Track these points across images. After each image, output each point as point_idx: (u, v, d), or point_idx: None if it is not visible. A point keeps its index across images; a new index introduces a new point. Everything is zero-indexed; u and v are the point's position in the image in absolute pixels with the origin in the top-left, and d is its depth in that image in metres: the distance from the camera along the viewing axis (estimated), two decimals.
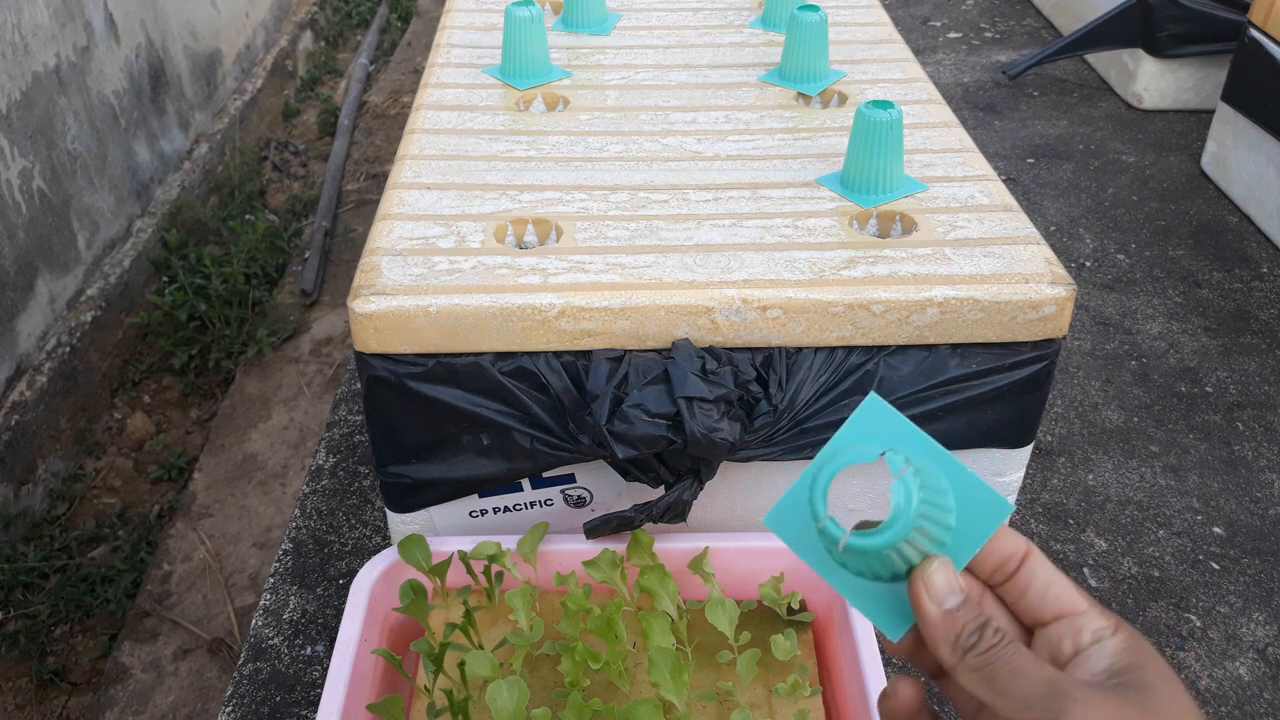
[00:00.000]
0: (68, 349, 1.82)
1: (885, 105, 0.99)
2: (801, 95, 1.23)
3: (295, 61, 3.18)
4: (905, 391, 0.92)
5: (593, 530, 0.93)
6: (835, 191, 1.03)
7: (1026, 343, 0.92)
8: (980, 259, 0.93)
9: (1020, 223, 0.99)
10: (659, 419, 0.86)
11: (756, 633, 0.92)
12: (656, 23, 1.43)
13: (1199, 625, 1.25)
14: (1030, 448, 1.01)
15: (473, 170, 1.07)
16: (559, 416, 0.91)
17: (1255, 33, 1.99)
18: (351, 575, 1.28)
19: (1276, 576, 1.31)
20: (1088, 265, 1.93)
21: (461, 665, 0.83)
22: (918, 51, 2.81)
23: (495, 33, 1.37)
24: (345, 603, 0.90)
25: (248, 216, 2.43)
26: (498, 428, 0.92)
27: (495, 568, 0.94)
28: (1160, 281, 1.88)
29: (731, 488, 0.99)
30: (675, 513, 0.91)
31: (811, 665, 0.90)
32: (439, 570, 0.91)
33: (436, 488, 0.97)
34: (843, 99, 1.23)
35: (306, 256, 2.32)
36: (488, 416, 0.91)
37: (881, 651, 0.86)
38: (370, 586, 0.91)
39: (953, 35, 2.96)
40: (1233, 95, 2.08)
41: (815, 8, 1.22)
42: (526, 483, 0.99)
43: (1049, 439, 1.52)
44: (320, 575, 1.30)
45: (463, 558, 0.92)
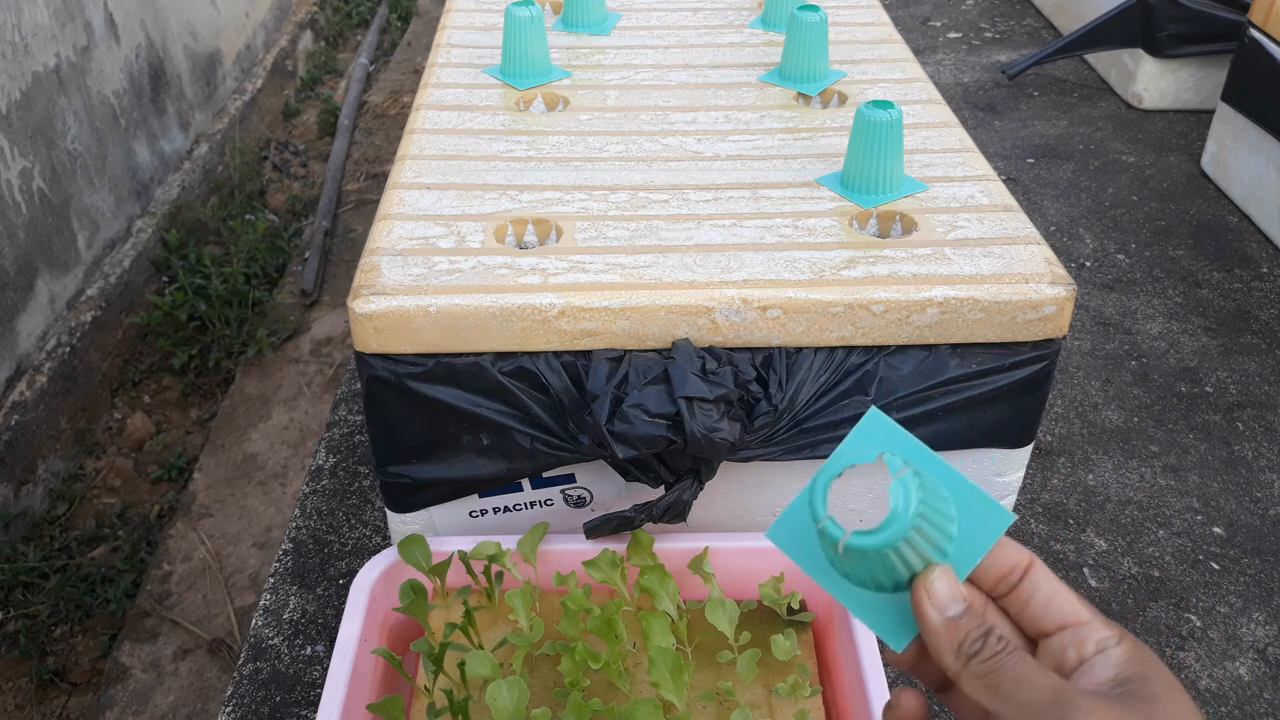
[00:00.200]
0: (68, 349, 1.82)
1: (885, 105, 0.99)
2: (801, 95, 1.23)
3: (295, 61, 3.18)
4: (905, 391, 0.92)
5: (593, 530, 0.93)
6: (835, 191, 1.03)
7: (1026, 343, 0.92)
8: (980, 259, 0.93)
9: (1020, 223, 0.99)
10: (659, 419, 0.86)
11: (756, 633, 0.92)
12: (656, 23, 1.43)
13: (1199, 625, 1.25)
14: (1030, 448, 1.01)
15: (473, 170, 1.07)
16: (559, 416, 0.91)
17: (1255, 33, 1.99)
18: (351, 575, 1.28)
19: (1276, 576, 1.31)
20: (1088, 265, 1.93)
21: (461, 665, 0.83)
22: (918, 51, 2.81)
23: (495, 33, 1.37)
24: (345, 603, 0.90)
25: (248, 216, 2.43)
26: (498, 428, 0.92)
27: (495, 568, 0.94)
28: (1160, 281, 1.88)
29: (731, 488, 0.99)
30: (675, 513, 0.91)
31: (811, 665, 0.90)
32: (439, 570, 0.91)
33: (436, 488, 0.97)
34: (843, 99, 1.23)
35: (306, 256, 2.32)
36: (488, 416, 0.91)
37: (883, 652, 0.86)
38: (370, 586, 0.91)
39: (953, 35, 2.96)
40: (1233, 95, 2.08)
41: (815, 8, 1.22)
42: (526, 483, 0.99)
43: (1049, 439, 1.52)
44: (320, 575, 1.30)
45: (463, 558, 0.92)
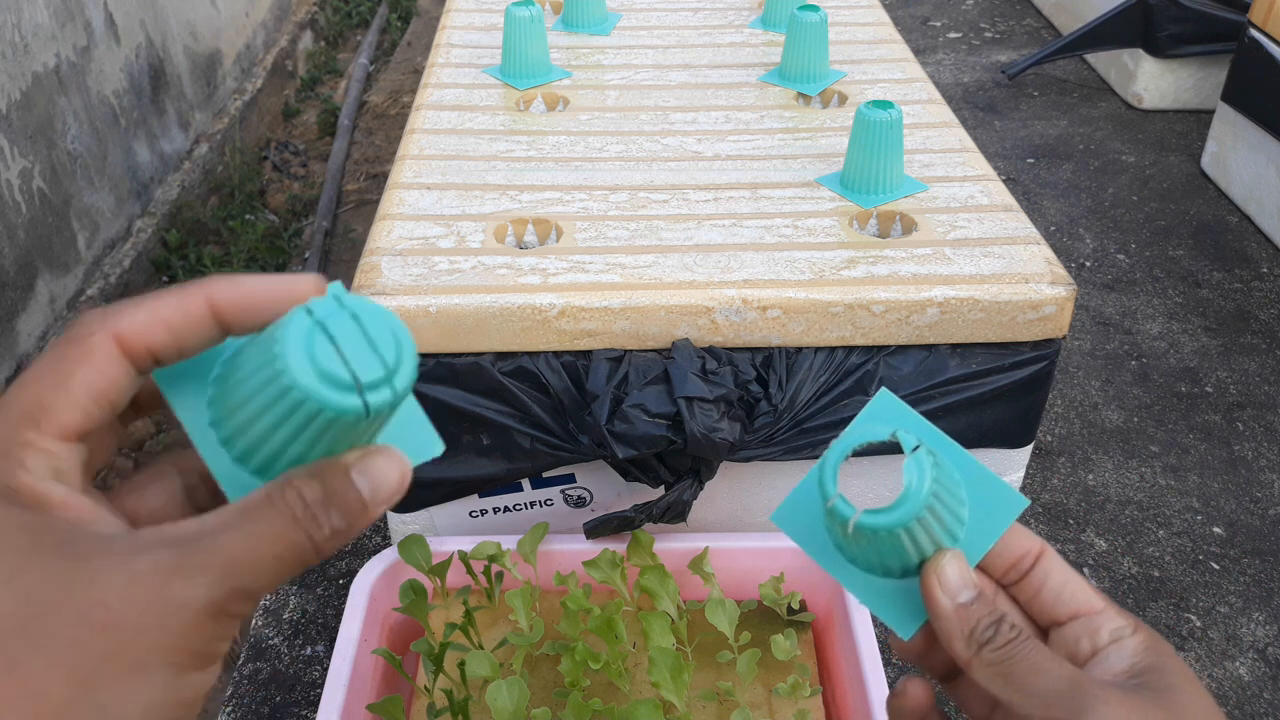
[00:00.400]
0: None
1: (885, 105, 0.99)
2: (801, 95, 1.23)
3: (295, 61, 3.18)
4: (905, 391, 0.92)
5: (593, 530, 0.93)
6: (835, 191, 1.03)
7: (1026, 343, 0.92)
8: (980, 259, 0.93)
9: (1020, 223, 0.99)
10: (659, 419, 0.86)
11: (756, 633, 0.92)
12: (656, 23, 1.43)
13: (1199, 625, 1.25)
14: (1030, 448, 1.01)
15: (473, 170, 1.07)
16: (559, 416, 0.91)
17: (1255, 33, 1.99)
18: (351, 575, 1.28)
19: (1276, 576, 1.31)
20: (1088, 265, 1.93)
21: (461, 665, 0.83)
22: (918, 51, 2.81)
23: (495, 33, 1.37)
24: (345, 603, 0.90)
25: (248, 216, 2.43)
26: (498, 428, 0.92)
27: (495, 568, 0.94)
28: (1160, 281, 1.88)
29: (731, 488, 0.99)
30: (675, 513, 0.91)
31: (811, 665, 0.90)
32: (439, 570, 0.91)
33: (436, 488, 0.97)
34: (843, 99, 1.23)
35: (306, 256, 2.32)
36: (488, 416, 0.91)
37: (883, 652, 0.86)
38: (370, 586, 0.91)
39: (953, 35, 2.96)
40: (1233, 95, 2.08)
41: (815, 8, 1.22)
42: (526, 483, 0.99)
43: (1049, 439, 1.52)
44: (320, 575, 1.30)
45: (463, 558, 0.92)
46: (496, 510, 1.01)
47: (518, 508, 1.01)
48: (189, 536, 0.29)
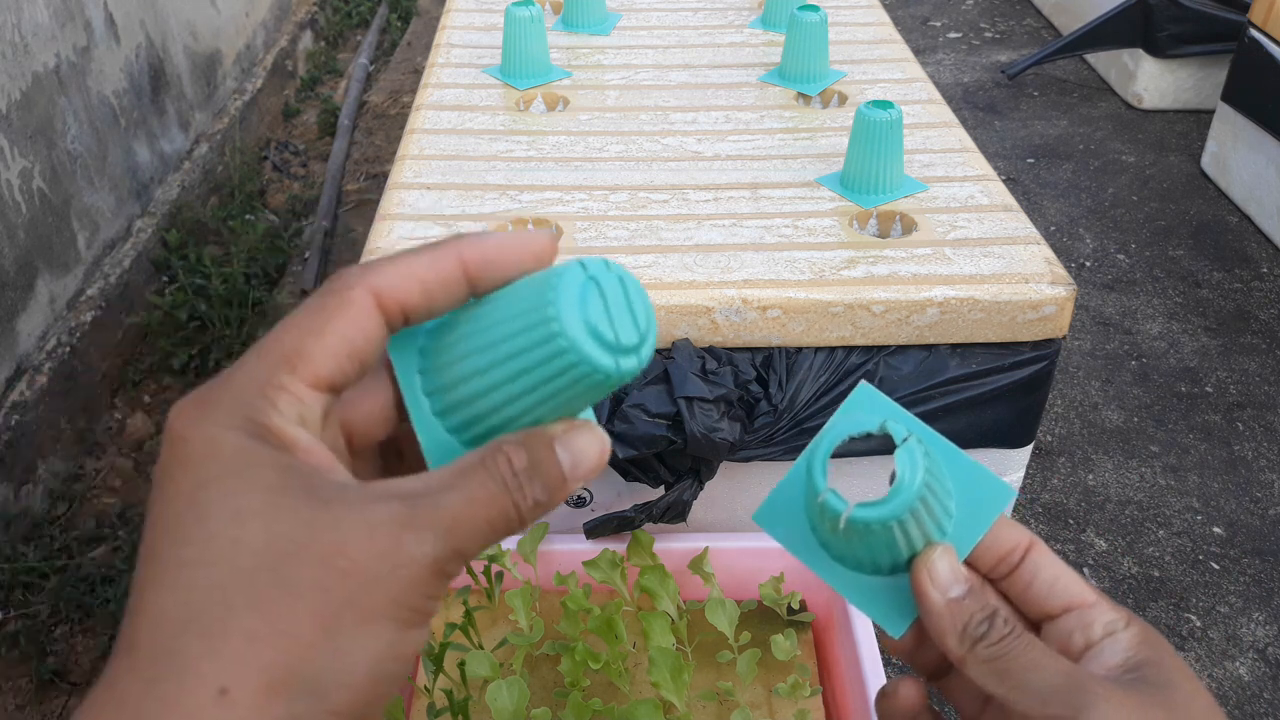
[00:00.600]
0: (68, 349, 1.81)
1: (885, 105, 0.99)
2: (801, 95, 1.23)
3: (295, 61, 3.18)
4: (905, 391, 0.92)
5: (593, 530, 0.93)
6: (835, 191, 1.03)
7: (1026, 343, 0.92)
8: (980, 259, 0.93)
9: (1020, 223, 0.99)
10: (659, 419, 0.86)
11: (756, 633, 0.92)
12: (656, 23, 1.43)
13: (1199, 625, 1.25)
14: (1030, 448, 1.01)
15: (473, 170, 1.07)
16: None
17: (1255, 33, 1.99)
18: None
19: (1276, 576, 1.31)
20: (1088, 265, 1.93)
21: (461, 665, 0.83)
22: (918, 51, 2.81)
23: (495, 33, 1.37)
24: None
25: (248, 216, 2.43)
26: None
27: (495, 568, 0.94)
28: (1160, 281, 1.88)
29: (731, 488, 0.99)
30: (675, 513, 0.91)
31: (811, 665, 0.90)
32: None
33: None
34: (843, 99, 1.23)
35: (306, 256, 2.32)
36: None
37: (884, 652, 0.86)
38: None
39: (953, 35, 2.96)
40: (1233, 95, 2.08)
41: (815, 8, 1.22)
42: None
43: (1049, 439, 1.52)
44: None
45: None
46: None
47: None
48: (416, 492, 0.29)
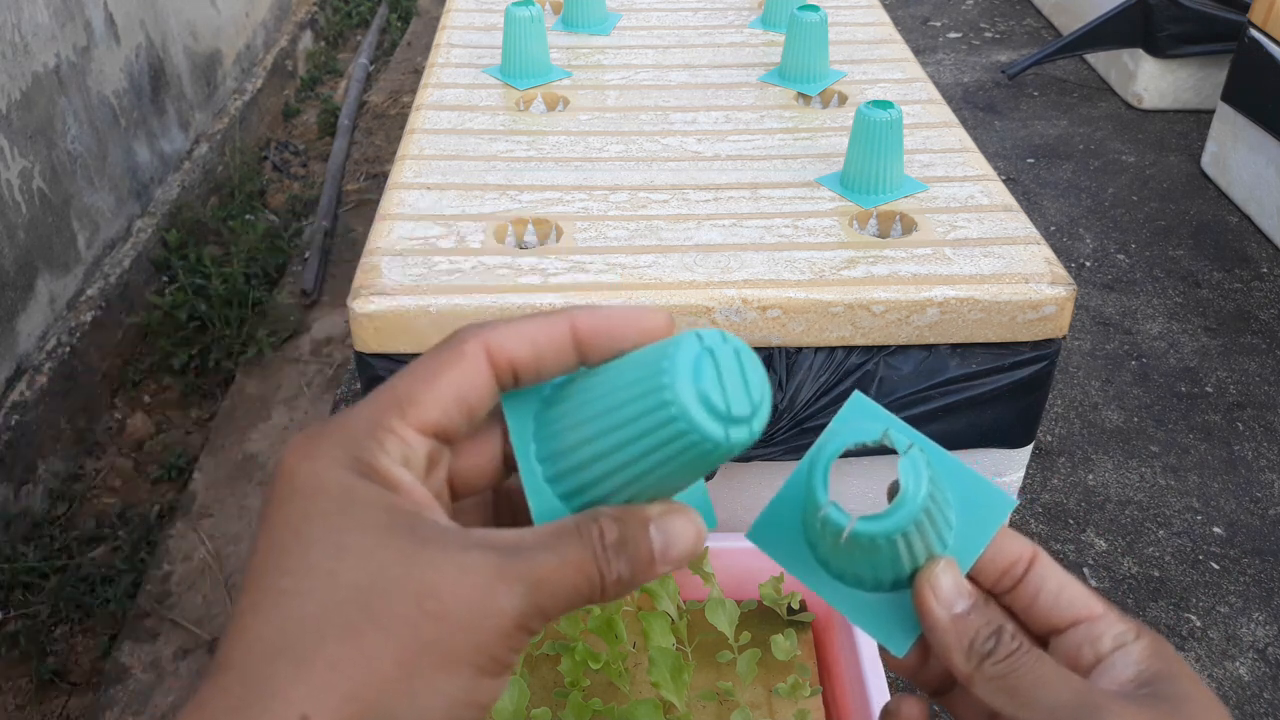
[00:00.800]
0: (68, 349, 1.81)
1: (885, 105, 0.99)
2: (801, 95, 1.23)
3: (295, 61, 3.18)
4: (905, 391, 0.92)
5: None
6: (835, 191, 1.03)
7: (1026, 343, 0.92)
8: (980, 259, 0.93)
9: (1020, 223, 0.99)
10: None
11: (756, 633, 0.92)
12: (656, 23, 1.43)
13: (1199, 625, 1.25)
14: (1030, 448, 1.01)
15: (473, 170, 1.07)
16: None
17: (1255, 33, 1.99)
18: None
19: (1276, 576, 1.31)
20: (1088, 265, 1.93)
21: None
22: (918, 51, 2.81)
23: (495, 33, 1.37)
24: None
25: (248, 216, 2.43)
26: None
27: None
28: (1160, 281, 1.88)
29: (731, 488, 0.99)
30: None
31: (811, 665, 0.90)
32: None
33: None
34: (843, 99, 1.23)
35: (306, 256, 2.32)
36: None
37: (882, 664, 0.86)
38: None
39: (953, 35, 2.96)
40: (1233, 95, 2.08)
41: (815, 8, 1.22)
42: None
43: (1049, 439, 1.53)
44: None
45: None
46: None
47: None
48: (510, 545, 0.30)
